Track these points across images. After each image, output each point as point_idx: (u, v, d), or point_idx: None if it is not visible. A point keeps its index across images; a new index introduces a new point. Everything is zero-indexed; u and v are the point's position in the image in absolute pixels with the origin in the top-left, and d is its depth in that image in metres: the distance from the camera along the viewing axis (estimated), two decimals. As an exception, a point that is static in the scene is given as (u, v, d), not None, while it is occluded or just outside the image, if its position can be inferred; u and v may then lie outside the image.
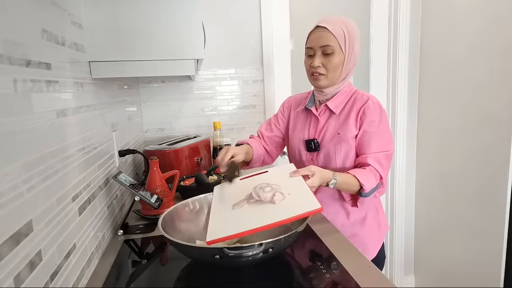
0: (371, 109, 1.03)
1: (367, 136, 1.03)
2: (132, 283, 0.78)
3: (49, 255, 0.61)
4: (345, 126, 1.06)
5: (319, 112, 1.12)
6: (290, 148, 1.20)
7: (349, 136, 1.05)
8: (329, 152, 1.08)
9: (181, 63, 0.98)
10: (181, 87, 1.78)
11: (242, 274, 0.79)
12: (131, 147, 1.41)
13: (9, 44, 0.54)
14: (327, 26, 1.01)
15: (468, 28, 1.60)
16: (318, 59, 1.03)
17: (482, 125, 1.56)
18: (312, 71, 1.06)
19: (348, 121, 1.06)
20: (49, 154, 0.64)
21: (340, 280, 0.75)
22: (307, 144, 1.11)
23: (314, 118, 1.14)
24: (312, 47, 1.05)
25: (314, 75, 1.06)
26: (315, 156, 1.11)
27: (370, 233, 1.13)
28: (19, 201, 0.53)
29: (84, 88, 0.88)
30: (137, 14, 0.92)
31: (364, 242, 1.11)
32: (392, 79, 1.99)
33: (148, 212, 1.14)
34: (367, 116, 1.03)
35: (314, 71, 1.05)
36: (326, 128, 1.10)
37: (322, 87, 1.07)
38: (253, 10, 1.77)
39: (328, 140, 1.08)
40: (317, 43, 1.03)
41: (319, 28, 1.03)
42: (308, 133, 1.13)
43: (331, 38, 1.01)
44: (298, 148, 1.15)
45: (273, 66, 1.85)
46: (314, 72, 1.05)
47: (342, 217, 1.12)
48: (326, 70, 1.04)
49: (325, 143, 1.08)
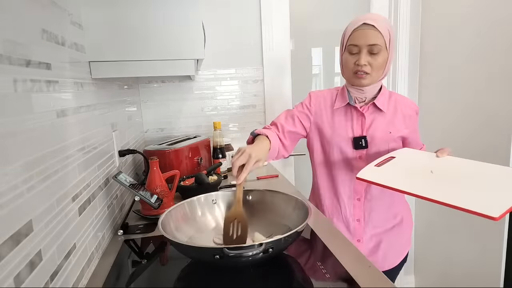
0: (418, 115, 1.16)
1: (415, 135, 1.15)
2: (132, 283, 0.78)
3: (49, 255, 0.61)
4: (394, 125, 1.10)
5: (364, 109, 1.10)
6: (326, 146, 1.14)
7: (398, 135, 1.10)
8: (380, 150, 1.08)
9: (181, 63, 0.98)
10: (181, 87, 1.78)
11: (242, 274, 0.79)
12: (131, 147, 1.41)
13: (9, 44, 0.54)
14: (375, 25, 0.99)
15: (468, 28, 1.60)
16: (364, 57, 1.01)
17: (482, 125, 1.56)
18: (356, 69, 1.03)
19: (394, 121, 1.10)
20: (49, 154, 0.64)
21: (340, 280, 0.75)
22: (356, 142, 1.08)
23: (358, 115, 1.11)
24: (358, 45, 1.01)
25: (359, 73, 1.03)
26: (364, 153, 1.10)
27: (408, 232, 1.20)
28: (19, 201, 0.53)
29: (84, 88, 0.88)
30: (137, 14, 0.92)
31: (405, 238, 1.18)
32: (392, 79, 1.99)
33: (148, 212, 1.14)
34: (415, 122, 1.14)
35: (359, 69, 1.02)
36: (375, 126, 1.09)
37: (364, 86, 1.06)
38: (253, 10, 1.78)
39: (379, 138, 1.08)
40: (365, 41, 1.00)
41: (365, 26, 1.00)
42: (353, 131, 1.10)
43: (379, 36, 0.99)
44: (339, 146, 1.11)
45: (273, 66, 1.85)
46: (359, 70, 1.03)
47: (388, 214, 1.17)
48: (371, 69, 1.02)
49: (376, 141, 1.08)
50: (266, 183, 1.50)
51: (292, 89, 1.95)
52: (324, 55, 2.04)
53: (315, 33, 1.98)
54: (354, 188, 1.12)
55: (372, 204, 1.12)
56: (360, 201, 1.12)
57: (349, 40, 1.03)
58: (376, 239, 1.14)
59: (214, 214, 1.00)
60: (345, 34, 1.06)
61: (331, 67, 2.04)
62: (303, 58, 2.00)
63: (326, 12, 1.97)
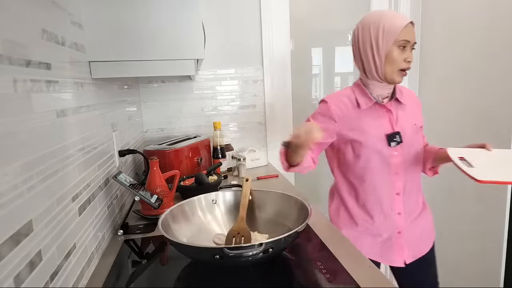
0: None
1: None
2: (132, 283, 0.78)
3: (49, 255, 0.61)
4: (415, 117, 1.12)
5: (389, 105, 1.09)
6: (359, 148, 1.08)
7: (419, 125, 1.13)
8: (412, 143, 1.09)
9: (181, 63, 0.98)
10: (181, 87, 1.78)
11: (242, 274, 0.79)
12: (131, 147, 1.41)
13: (9, 44, 0.54)
14: (413, 23, 1.01)
15: (468, 28, 1.60)
16: (411, 54, 1.01)
17: (482, 125, 1.56)
18: (406, 66, 1.02)
19: (413, 112, 1.12)
20: (49, 154, 0.64)
21: (340, 280, 0.75)
22: (390, 138, 1.06)
23: (385, 112, 1.09)
24: (409, 41, 1.00)
25: (406, 70, 1.02)
26: (399, 148, 1.08)
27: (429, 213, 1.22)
28: (19, 201, 0.53)
29: (84, 88, 0.88)
30: (137, 14, 0.92)
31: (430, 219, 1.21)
32: (392, 79, 1.99)
33: (148, 212, 1.14)
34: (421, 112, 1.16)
35: (409, 66, 1.02)
36: (401, 120, 1.09)
37: (400, 82, 1.07)
38: (253, 10, 1.78)
39: (409, 131, 1.09)
40: (412, 38, 1.00)
41: (410, 24, 1.00)
42: (384, 128, 1.08)
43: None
44: (374, 146, 1.07)
45: (273, 66, 1.85)
46: (407, 67, 1.02)
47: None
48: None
49: (407, 134, 1.08)
50: (266, 183, 1.50)
51: (292, 89, 1.95)
52: (324, 55, 2.04)
53: (315, 33, 1.98)
54: (394, 184, 1.10)
55: (408, 196, 1.13)
56: (400, 195, 1.11)
57: (401, 35, 0.99)
58: (412, 227, 1.14)
59: (214, 214, 1.00)
60: (392, 30, 0.99)
61: (331, 67, 2.04)
62: (303, 58, 2.00)
63: (326, 12, 1.97)
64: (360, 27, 1.07)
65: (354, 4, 1.98)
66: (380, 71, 1.04)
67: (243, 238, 0.87)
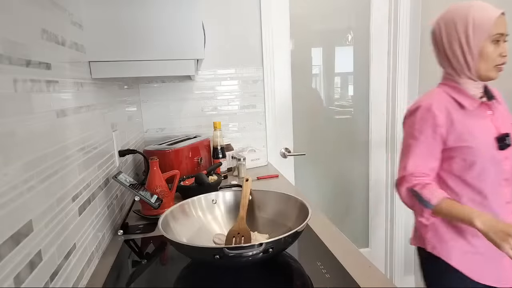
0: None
1: None
2: (132, 283, 0.78)
3: (49, 255, 0.61)
4: (507, 115, 1.03)
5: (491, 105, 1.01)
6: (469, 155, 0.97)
7: None
8: None
9: (181, 63, 0.98)
10: (181, 87, 1.78)
11: (242, 274, 0.79)
12: (131, 147, 1.41)
13: (9, 44, 0.54)
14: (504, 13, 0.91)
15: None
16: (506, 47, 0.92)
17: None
18: (502, 61, 0.93)
19: (505, 111, 1.05)
20: (49, 154, 0.64)
21: (340, 280, 0.75)
22: (501, 141, 0.96)
23: (486, 113, 1.00)
24: (503, 34, 0.91)
25: (502, 65, 0.94)
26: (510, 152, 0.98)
27: None
28: (19, 201, 0.53)
29: (84, 88, 0.88)
30: (137, 14, 0.92)
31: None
32: (392, 78, 1.99)
33: (148, 212, 1.14)
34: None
35: (503, 61, 0.93)
36: (502, 120, 1.01)
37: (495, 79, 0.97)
38: (253, 10, 1.78)
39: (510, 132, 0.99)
40: (505, 31, 0.91)
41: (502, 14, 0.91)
42: (489, 131, 0.98)
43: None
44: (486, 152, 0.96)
45: (273, 66, 1.85)
46: (503, 62, 0.93)
47: None
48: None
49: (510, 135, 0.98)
50: (266, 183, 1.50)
51: (292, 89, 1.95)
52: (324, 55, 2.04)
53: (315, 33, 1.98)
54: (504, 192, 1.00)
55: None
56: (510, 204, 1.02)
57: (494, 28, 0.89)
58: None
59: (214, 214, 1.00)
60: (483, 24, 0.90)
61: (331, 67, 2.04)
62: (303, 58, 2.00)
63: (326, 12, 1.97)
64: (442, 23, 0.97)
65: (354, 4, 1.98)
66: (474, 69, 0.95)
67: (243, 238, 0.87)
